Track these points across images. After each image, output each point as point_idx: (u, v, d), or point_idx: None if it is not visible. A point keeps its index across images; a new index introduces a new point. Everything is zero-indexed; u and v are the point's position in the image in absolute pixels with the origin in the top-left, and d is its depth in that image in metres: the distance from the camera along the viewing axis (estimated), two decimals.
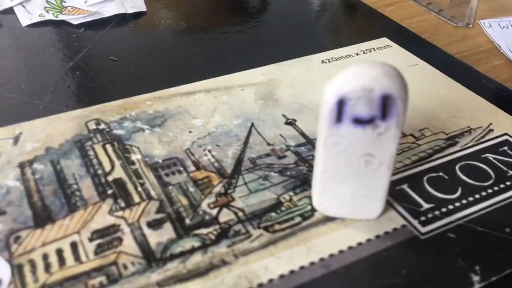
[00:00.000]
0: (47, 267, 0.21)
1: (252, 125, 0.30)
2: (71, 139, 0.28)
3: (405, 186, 0.26)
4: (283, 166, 0.27)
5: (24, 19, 0.40)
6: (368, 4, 0.46)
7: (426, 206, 0.25)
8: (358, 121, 0.21)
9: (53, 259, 0.22)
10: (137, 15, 0.42)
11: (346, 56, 0.37)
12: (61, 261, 0.22)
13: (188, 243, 0.23)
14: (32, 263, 0.22)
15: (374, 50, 0.38)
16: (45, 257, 0.22)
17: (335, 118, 0.21)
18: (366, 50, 0.38)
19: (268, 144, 0.29)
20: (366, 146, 0.22)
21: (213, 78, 0.34)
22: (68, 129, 0.29)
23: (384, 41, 0.39)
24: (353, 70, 0.21)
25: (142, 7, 0.42)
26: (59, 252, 0.22)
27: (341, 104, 0.21)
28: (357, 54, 0.37)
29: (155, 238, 0.23)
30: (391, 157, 0.22)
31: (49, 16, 0.40)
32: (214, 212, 0.24)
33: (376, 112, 0.21)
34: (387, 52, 0.38)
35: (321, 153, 0.22)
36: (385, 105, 0.21)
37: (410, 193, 0.26)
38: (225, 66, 0.36)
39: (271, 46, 0.39)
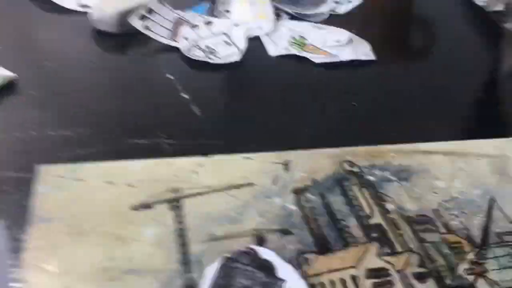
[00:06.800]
0: None
1: (493, 199, 0.32)
2: (331, 175, 0.32)
3: None
4: None
5: (273, 49, 0.45)
6: None
7: None
8: None
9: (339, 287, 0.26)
10: (367, 62, 0.46)
11: None
12: None
13: None
14: (323, 286, 0.25)
15: None
16: (332, 283, 0.26)
17: None
18: None
19: (510, 222, 0.31)
20: None
21: (448, 141, 0.37)
22: (327, 165, 0.33)
23: None
24: None
25: (371, 56, 0.46)
26: (343, 282, 0.26)
27: None
28: None
29: None
30: None
31: (293, 51, 0.45)
32: (470, 278, 0.27)
33: None
34: None
35: None
36: None
37: None
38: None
39: None
